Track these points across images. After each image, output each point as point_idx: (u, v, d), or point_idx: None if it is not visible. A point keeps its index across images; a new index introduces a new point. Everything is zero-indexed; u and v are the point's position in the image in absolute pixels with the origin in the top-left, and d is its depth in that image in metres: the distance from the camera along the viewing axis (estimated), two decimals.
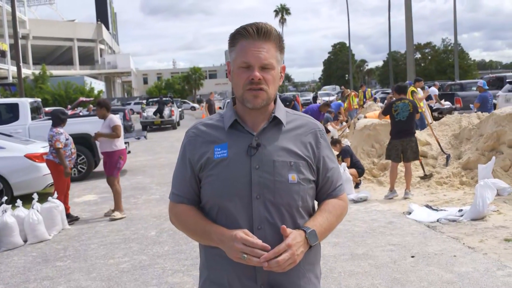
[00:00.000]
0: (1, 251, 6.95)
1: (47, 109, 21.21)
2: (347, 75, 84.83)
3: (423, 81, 15.99)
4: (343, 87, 31.53)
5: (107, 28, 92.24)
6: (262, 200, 1.92)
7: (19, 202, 7.55)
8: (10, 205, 7.46)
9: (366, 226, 7.10)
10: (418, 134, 10.31)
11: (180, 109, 39.26)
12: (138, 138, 16.34)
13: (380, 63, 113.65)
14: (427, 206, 7.85)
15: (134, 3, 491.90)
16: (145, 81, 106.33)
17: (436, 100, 19.10)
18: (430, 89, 19.44)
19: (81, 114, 23.96)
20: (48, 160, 8.38)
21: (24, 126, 12.78)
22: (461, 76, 58.23)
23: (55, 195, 7.97)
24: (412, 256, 5.70)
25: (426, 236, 6.45)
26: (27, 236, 7.27)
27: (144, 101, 36.52)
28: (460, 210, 7.27)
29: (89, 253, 6.61)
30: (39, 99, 16.02)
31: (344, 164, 9.43)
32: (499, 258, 5.46)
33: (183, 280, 5.40)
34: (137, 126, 29.37)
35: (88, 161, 12.94)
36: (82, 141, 12.45)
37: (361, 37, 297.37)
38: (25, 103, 13.13)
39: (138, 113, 32.57)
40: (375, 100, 25.58)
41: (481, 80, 15.17)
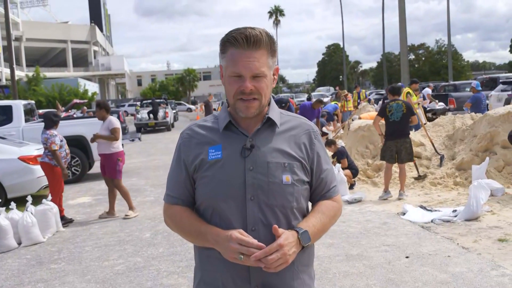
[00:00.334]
0: None
1: (40, 111, 21.12)
2: (341, 76, 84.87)
3: (418, 83, 16.01)
4: (337, 87, 31.54)
5: (101, 30, 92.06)
6: (256, 201, 1.91)
7: (13, 204, 7.51)
8: (4, 208, 7.43)
9: (360, 227, 7.11)
10: (412, 135, 10.34)
11: (174, 111, 39.21)
12: (133, 140, 16.32)
13: (374, 64, 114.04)
14: (421, 206, 7.87)
15: (128, 5, 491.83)
16: (139, 83, 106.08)
17: (430, 100, 19.16)
18: (424, 90, 19.53)
19: (75, 116, 23.86)
20: (43, 162, 8.36)
21: (18, 128, 12.74)
22: (455, 77, 58.43)
23: (49, 197, 7.95)
24: (407, 257, 5.71)
25: (420, 237, 6.47)
26: (21, 238, 7.24)
27: (138, 103, 36.42)
28: (454, 211, 7.30)
29: (83, 255, 6.59)
30: (33, 101, 15.96)
31: (339, 165, 9.43)
32: (493, 258, 5.48)
33: (178, 282, 5.39)
34: (131, 128, 29.34)
35: (82, 163, 12.91)
36: (76, 143, 12.45)
37: (355, 38, 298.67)
38: (18, 105, 13.08)
39: (132, 115, 32.51)
40: (369, 101, 25.66)
41: (475, 81, 15.21)
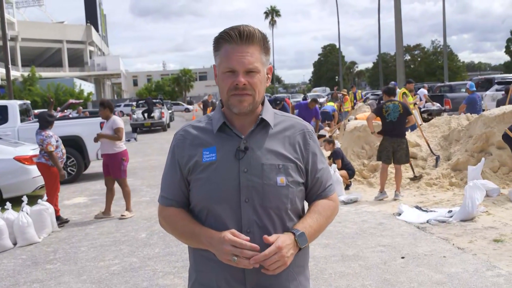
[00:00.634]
0: None
1: (36, 111, 21.06)
2: (337, 77, 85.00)
3: (413, 83, 16.09)
4: (335, 88, 31.54)
5: (97, 30, 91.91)
6: (251, 203, 1.90)
7: (8, 204, 7.49)
8: (0, 208, 7.41)
9: (356, 227, 7.12)
10: (408, 135, 10.35)
11: (170, 111, 39.16)
12: (128, 140, 16.29)
13: (370, 65, 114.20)
14: (417, 207, 7.89)
15: (124, 5, 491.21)
16: (135, 83, 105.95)
17: (427, 100, 19.22)
18: (420, 91, 19.57)
19: (70, 116, 23.81)
20: (39, 163, 8.34)
21: (13, 128, 12.71)
22: (450, 77, 58.52)
23: (45, 197, 7.93)
24: (402, 257, 5.72)
25: (416, 237, 6.48)
26: (16, 239, 7.22)
27: (134, 103, 36.37)
28: (450, 211, 7.32)
29: (79, 256, 6.58)
30: (28, 101, 15.92)
31: (334, 166, 9.44)
32: (488, 259, 5.50)
33: (173, 282, 5.39)
34: (127, 128, 29.27)
35: (78, 163, 12.89)
36: (72, 143, 12.42)
37: (351, 39, 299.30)
38: (14, 105, 13.05)
39: (128, 115, 32.43)
40: (365, 101, 25.70)
41: (469, 82, 15.24)
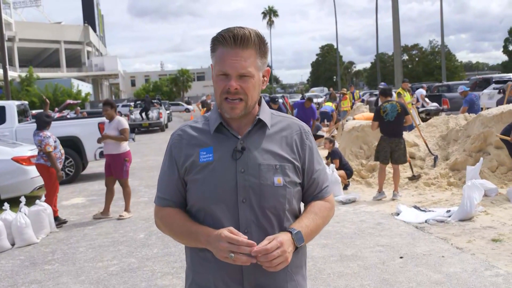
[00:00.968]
0: None
1: (34, 111, 21.03)
2: (335, 77, 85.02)
3: (408, 82, 16.20)
4: (331, 89, 31.53)
5: (94, 30, 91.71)
6: (248, 203, 1.90)
7: (6, 205, 7.48)
8: None
9: (354, 227, 7.13)
10: (406, 135, 10.36)
11: (168, 112, 39.11)
12: None
13: (368, 65, 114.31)
14: (415, 207, 7.89)
15: (121, 5, 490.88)
16: (133, 84, 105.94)
17: (422, 100, 19.28)
18: (417, 91, 19.62)
19: (68, 116, 23.77)
20: (38, 164, 8.32)
21: (11, 129, 12.69)
22: (448, 77, 58.60)
23: (43, 198, 7.92)
24: (401, 257, 5.73)
25: (414, 237, 6.49)
26: (14, 239, 7.21)
27: (132, 104, 36.31)
28: (448, 211, 7.32)
29: (77, 256, 6.57)
30: (26, 102, 15.90)
31: (333, 166, 9.44)
32: (486, 258, 5.50)
33: (172, 283, 5.38)
34: None
35: (76, 164, 12.88)
36: (70, 143, 12.41)
37: (349, 39, 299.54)
38: (12, 106, 13.04)
39: (126, 115, 32.38)
40: (363, 101, 25.70)
41: (460, 86, 15.07)
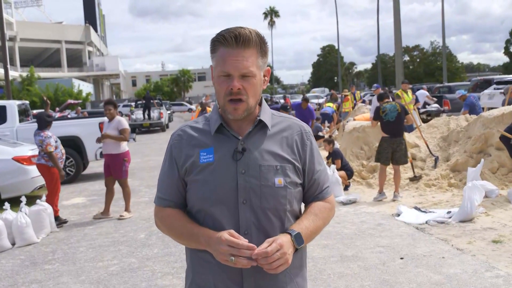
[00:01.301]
0: None
1: (35, 111, 21.05)
2: (336, 78, 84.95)
3: (408, 83, 16.17)
4: (332, 91, 31.56)
5: (95, 30, 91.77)
6: (248, 205, 1.90)
7: (7, 205, 7.49)
8: None
9: (355, 228, 7.12)
10: (407, 136, 10.35)
11: (169, 112, 39.10)
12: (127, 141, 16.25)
13: (369, 66, 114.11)
14: (416, 208, 7.89)
15: (123, 5, 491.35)
16: (134, 84, 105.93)
17: (429, 99, 19.38)
18: (419, 92, 19.60)
19: (69, 116, 23.77)
20: (39, 164, 8.32)
21: (12, 129, 12.70)
22: (449, 78, 58.56)
23: (43, 197, 7.92)
24: (401, 258, 5.72)
25: (414, 238, 6.49)
26: (15, 239, 7.21)
27: (133, 104, 36.33)
28: (449, 212, 7.32)
29: (78, 256, 6.57)
30: (27, 102, 15.91)
31: (334, 166, 9.44)
32: (487, 260, 5.50)
33: (172, 283, 5.38)
34: None
35: (76, 164, 12.88)
36: (71, 143, 12.42)
37: (350, 39, 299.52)
38: (12, 106, 13.05)
39: (127, 115, 32.40)
40: (364, 102, 25.69)
41: (458, 91, 15.03)
